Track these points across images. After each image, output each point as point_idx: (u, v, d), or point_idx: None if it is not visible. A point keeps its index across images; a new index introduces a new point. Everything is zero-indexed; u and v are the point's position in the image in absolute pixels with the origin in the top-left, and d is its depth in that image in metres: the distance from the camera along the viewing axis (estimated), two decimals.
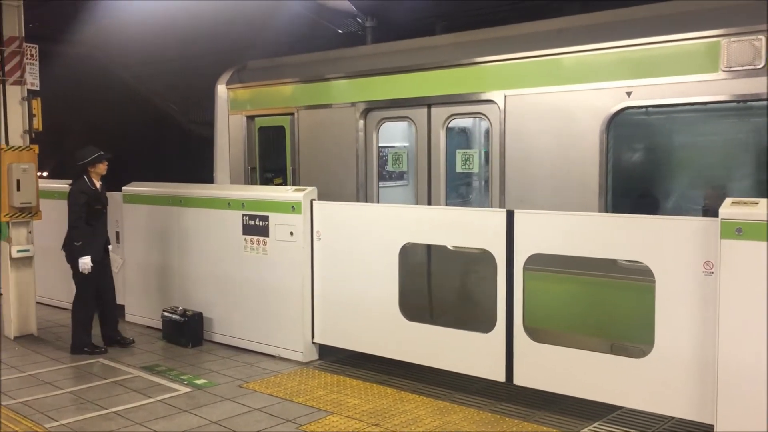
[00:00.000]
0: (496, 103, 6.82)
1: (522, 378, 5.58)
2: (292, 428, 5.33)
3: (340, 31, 11.50)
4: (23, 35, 7.92)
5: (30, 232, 8.07)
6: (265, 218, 7.14)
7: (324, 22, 11.14)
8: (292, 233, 6.92)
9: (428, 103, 7.43)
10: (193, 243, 7.89)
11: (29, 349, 7.59)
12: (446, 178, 7.41)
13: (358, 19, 11.03)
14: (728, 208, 4.56)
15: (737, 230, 4.48)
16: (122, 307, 8.40)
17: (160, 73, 16.76)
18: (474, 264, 6.75)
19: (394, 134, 8.18)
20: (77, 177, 7.49)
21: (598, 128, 6.15)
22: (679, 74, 5.78)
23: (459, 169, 7.42)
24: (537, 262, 5.54)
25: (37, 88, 8.10)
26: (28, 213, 7.95)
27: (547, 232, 5.46)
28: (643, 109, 6.14)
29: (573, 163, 6.34)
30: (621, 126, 6.17)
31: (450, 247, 6.85)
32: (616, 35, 6.15)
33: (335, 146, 8.25)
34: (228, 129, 9.47)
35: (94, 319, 7.55)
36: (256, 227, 7.23)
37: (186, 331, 7.60)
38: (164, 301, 8.17)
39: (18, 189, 7.79)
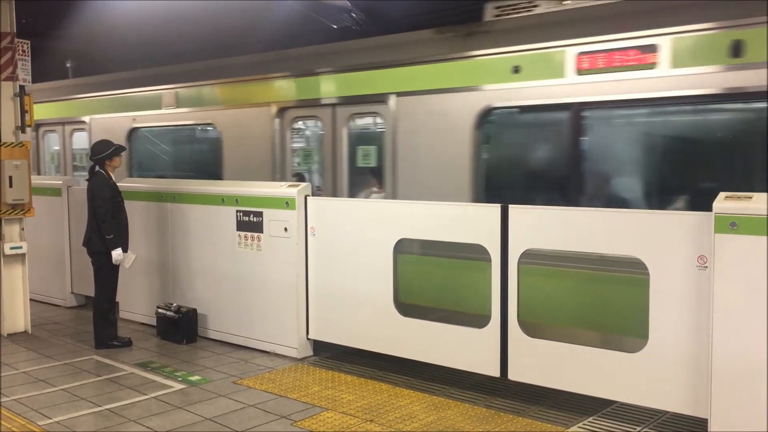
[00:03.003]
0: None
1: (516, 373, 5.58)
2: (287, 424, 5.32)
3: (335, 27, 11.47)
4: (15, 31, 7.88)
5: (22, 229, 8.03)
6: (259, 214, 7.12)
7: (318, 17, 11.11)
8: (286, 229, 6.91)
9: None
10: (187, 239, 7.87)
11: (22, 346, 7.56)
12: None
13: (353, 15, 10.98)
14: (722, 203, 4.56)
15: (731, 224, 4.48)
16: (116, 304, 8.37)
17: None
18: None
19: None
20: (94, 172, 7.45)
21: (123, 136, 10.65)
22: (153, 109, 10.22)
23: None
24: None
25: (30, 84, 8.06)
26: (21, 210, 7.91)
27: (542, 227, 5.45)
28: (143, 129, 10.73)
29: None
30: (134, 137, 10.86)
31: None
32: (126, 85, 10.77)
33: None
34: None
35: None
36: (250, 223, 7.22)
37: (180, 327, 7.58)
38: (158, 298, 8.15)
39: (10, 186, 7.75)
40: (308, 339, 6.99)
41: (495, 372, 5.68)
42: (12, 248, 7.91)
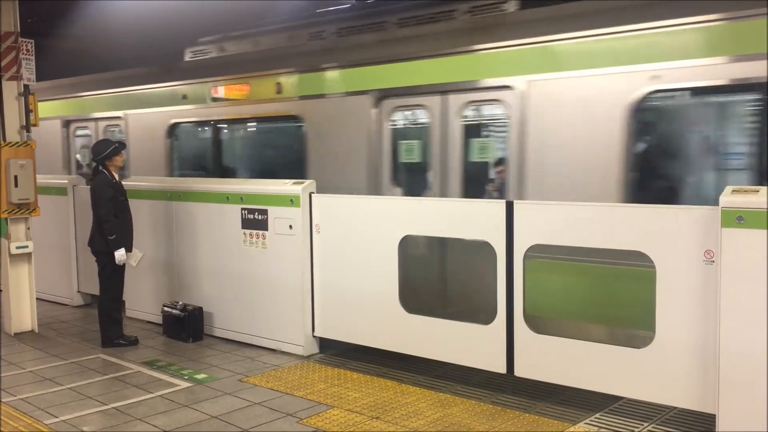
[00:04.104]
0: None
1: (523, 369, 5.57)
2: (293, 422, 5.32)
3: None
4: (19, 30, 7.88)
5: (28, 228, 8.04)
6: (264, 212, 7.11)
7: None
8: (291, 227, 6.90)
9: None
10: (193, 238, 7.87)
11: (29, 345, 7.58)
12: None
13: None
14: (729, 197, 4.53)
15: (738, 219, 4.45)
16: (123, 302, 8.38)
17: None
18: None
19: None
20: (96, 172, 7.47)
21: None
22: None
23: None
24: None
25: (34, 83, 8.07)
26: (26, 209, 7.93)
27: (547, 222, 5.43)
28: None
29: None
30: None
31: None
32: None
33: None
34: None
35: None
36: (255, 221, 7.21)
37: (186, 325, 7.59)
38: (164, 296, 8.16)
39: (16, 185, 7.76)
40: (314, 336, 6.99)
41: (501, 368, 5.66)
42: (18, 247, 7.93)
